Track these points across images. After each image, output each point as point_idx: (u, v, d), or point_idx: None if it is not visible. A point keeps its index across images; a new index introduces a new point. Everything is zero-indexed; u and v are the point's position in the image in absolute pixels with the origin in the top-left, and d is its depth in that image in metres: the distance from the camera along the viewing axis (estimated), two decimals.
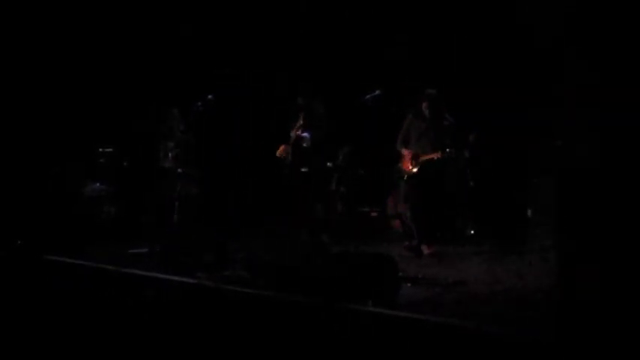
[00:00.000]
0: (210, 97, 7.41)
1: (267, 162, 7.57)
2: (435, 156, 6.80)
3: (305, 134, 7.08)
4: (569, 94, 3.23)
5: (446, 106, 6.98)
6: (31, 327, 4.98)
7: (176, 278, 5.35)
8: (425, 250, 6.77)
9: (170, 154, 8.06)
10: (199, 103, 7.39)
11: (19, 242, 7.14)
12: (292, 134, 7.26)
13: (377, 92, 6.48)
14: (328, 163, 8.44)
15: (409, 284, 5.22)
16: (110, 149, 8.68)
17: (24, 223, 7.74)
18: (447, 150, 6.76)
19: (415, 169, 6.94)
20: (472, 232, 8.14)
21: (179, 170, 7.91)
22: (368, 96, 6.49)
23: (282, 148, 7.32)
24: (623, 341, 3.09)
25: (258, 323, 4.40)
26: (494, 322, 3.90)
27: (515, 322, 3.96)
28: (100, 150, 8.63)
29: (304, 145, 7.11)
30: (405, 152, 7.01)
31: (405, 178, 7.03)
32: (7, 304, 5.51)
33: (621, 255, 3.21)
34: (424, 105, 6.93)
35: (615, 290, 3.24)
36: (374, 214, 9.05)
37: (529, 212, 7.40)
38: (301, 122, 7.21)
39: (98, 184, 8.64)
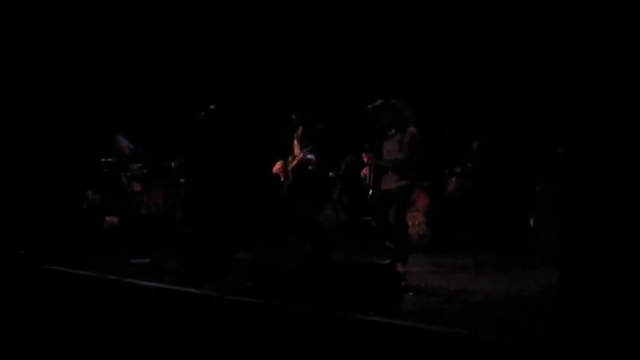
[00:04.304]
0: (212, 107, 7.44)
1: (264, 173, 7.53)
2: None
3: (311, 156, 6.98)
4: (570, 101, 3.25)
5: (410, 116, 6.46)
6: (33, 336, 4.99)
7: (179, 288, 5.36)
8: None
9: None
10: (202, 113, 7.42)
11: (21, 252, 7.15)
12: (295, 152, 7.20)
13: (379, 102, 6.48)
14: (330, 173, 8.44)
15: (411, 293, 5.21)
16: (112, 159, 8.69)
17: (26, 232, 7.75)
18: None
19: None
20: (472, 240, 8.07)
21: (182, 180, 7.93)
22: (370, 106, 6.50)
23: (279, 165, 7.26)
24: (624, 350, 3.09)
25: (260, 332, 4.40)
26: (496, 332, 3.90)
27: (517, 331, 3.95)
28: (103, 160, 8.63)
29: (310, 167, 7.02)
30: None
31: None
32: (9, 312, 5.52)
33: (624, 265, 3.21)
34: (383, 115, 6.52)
35: (616, 300, 3.24)
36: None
37: (531, 221, 7.39)
38: (299, 136, 7.16)
39: (100, 194, 8.65)
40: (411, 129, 6.35)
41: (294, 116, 7.20)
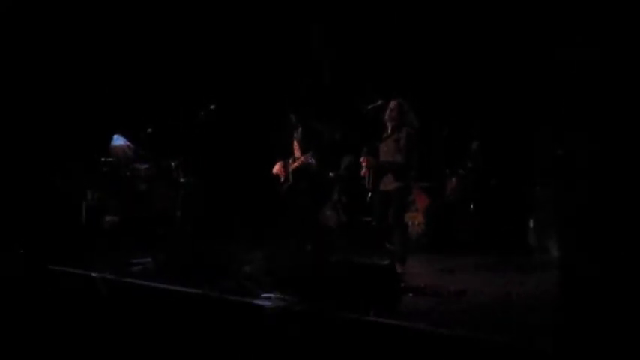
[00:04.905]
0: (212, 107, 7.43)
1: (264, 173, 7.54)
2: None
3: (312, 161, 6.96)
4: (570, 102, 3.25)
5: (412, 115, 6.41)
6: (34, 335, 4.99)
7: (179, 288, 5.36)
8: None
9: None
10: (202, 113, 7.42)
11: (21, 251, 7.15)
12: (296, 154, 7.18)
13: (379, 102, 6.48)
14: (330, 174, 8.44)
15: (411, 294, 5.22)
16: (112, 159, 8.69)
17: (27, 231, 7.75)
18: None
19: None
20: (472, 240, 8.07)
21: (182, 180, 7.94)
22: (370, 106, 6.49)
23: (278, 166, 7.26)
24: (624, 350, 3.08)
25: (260, 333, 4.40)
26: (496, 332, 3.90)
27: (517, 331, 3.96)
28: (103, 160, 8.63)
29: (310, 171, 7.02)
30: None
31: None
32: (11, 312, 5.52)
33: (624, 265, 3.21)
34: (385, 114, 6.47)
35: (617, 300, 3.24)
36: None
37: (531, 222, 7.40)
38: (299, 138, 7.16)
39: (100, 194, 8.65)
40: (407, 129, 6.34)
41: (292, 117, 7.20)
